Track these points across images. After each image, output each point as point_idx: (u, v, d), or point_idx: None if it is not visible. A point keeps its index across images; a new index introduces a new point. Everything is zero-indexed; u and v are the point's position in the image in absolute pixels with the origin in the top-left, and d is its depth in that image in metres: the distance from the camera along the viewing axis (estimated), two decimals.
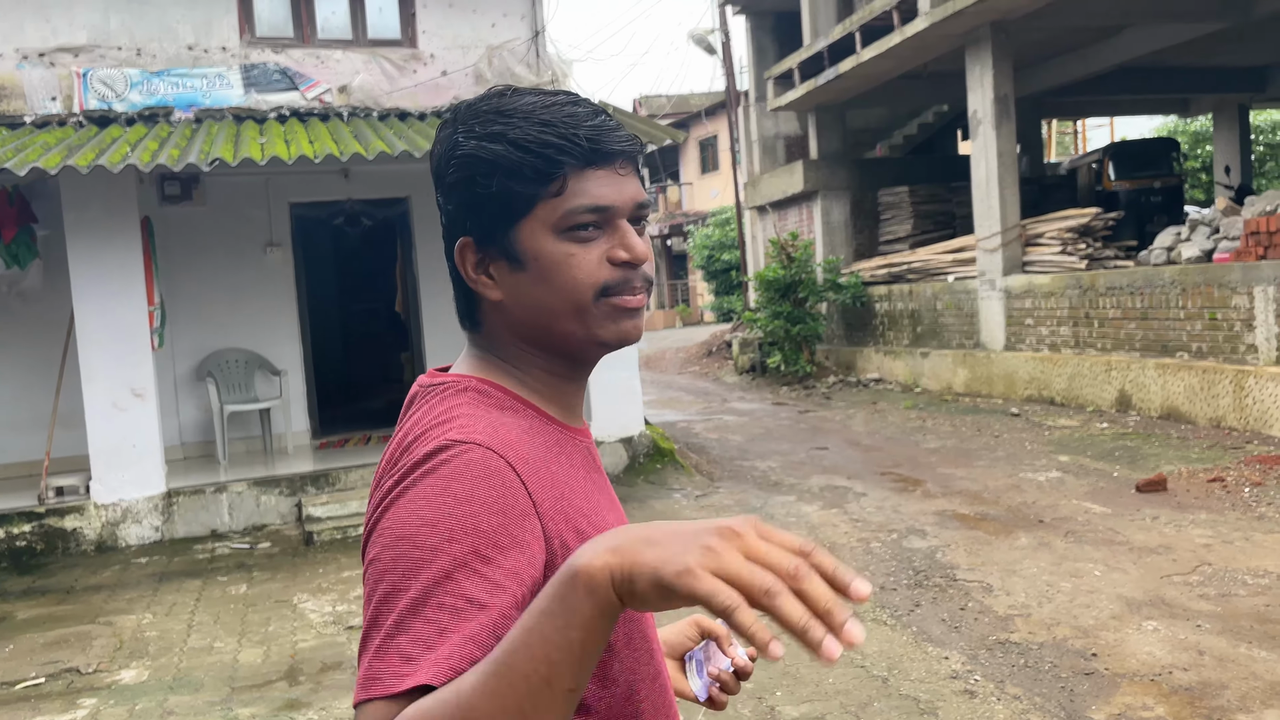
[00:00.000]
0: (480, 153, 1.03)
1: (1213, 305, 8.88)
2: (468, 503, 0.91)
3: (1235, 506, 6.37)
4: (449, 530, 0.90)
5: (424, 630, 0.86)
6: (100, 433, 7.48)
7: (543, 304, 1.05)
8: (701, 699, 1.30)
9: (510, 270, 1.05)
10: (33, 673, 5.03)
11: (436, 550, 0.89)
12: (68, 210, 7.41)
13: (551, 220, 1.03)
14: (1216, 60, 15.50)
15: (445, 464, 0.94)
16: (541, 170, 1.02)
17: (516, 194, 1.03)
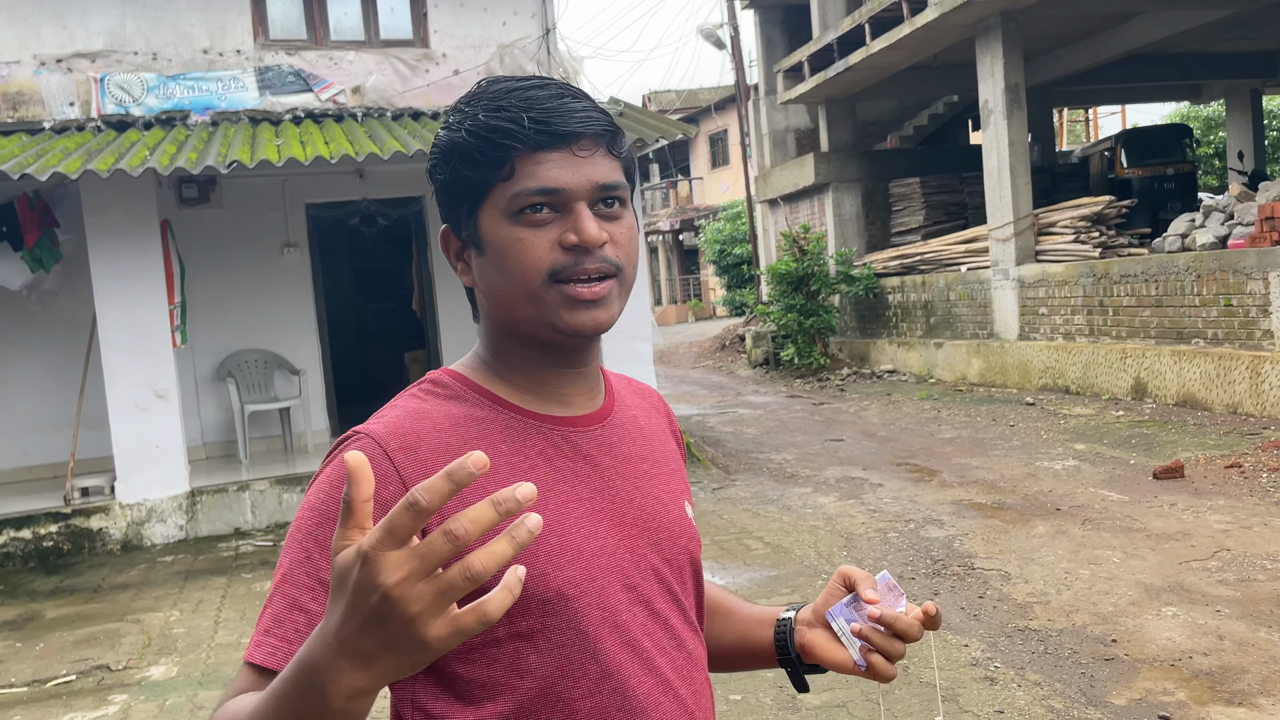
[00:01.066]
0: (443, 143, 1.06)
1: (1228, 291, 8.87)
2: (333, 491, 0.99)
3: (1253, 492, 6.38)
4: (307, 517, 1.00)
5: (267, 612, 0.98)
6: (124, 433, 7.57)
7: (500, 289, 1.06)
8: (861, 668, 1.13)
9: (476, 256, 1.07)
10: (64, 670, 5.11)
11: (297, 535, 1.00)
12: (88, 214, 7.50)
13: (503, 204, 1.03)
14: (1227, 45, 15.43)
15: (335, 453, 1.05)
16: (491, 155, 1.02)
17: (473, 180, 1.04)
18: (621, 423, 1.17)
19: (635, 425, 1.19)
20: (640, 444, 1.18)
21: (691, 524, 1.20)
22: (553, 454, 1.07)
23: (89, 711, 4.54)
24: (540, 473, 1.05)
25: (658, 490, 1.16)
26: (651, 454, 1.19)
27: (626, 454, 1.14)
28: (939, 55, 13.44)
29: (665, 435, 1.26)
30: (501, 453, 1.04)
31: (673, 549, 1.15)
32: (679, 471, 1.24)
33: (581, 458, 1.09)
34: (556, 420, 1.09)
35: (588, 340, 1.09)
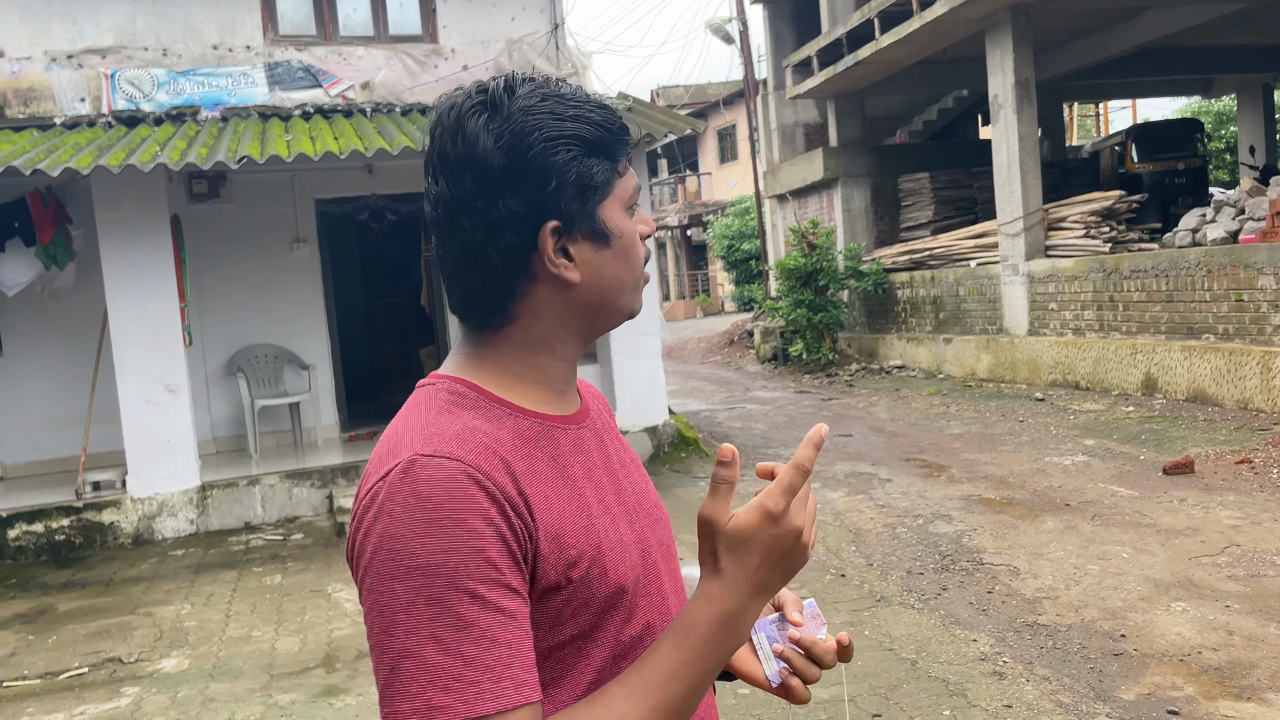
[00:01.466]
0: (580, 131, 1.03)
1: (1239, 286, 8.83)
2: (436, 525, 0.91)
3: (1263, 488, 6.36)
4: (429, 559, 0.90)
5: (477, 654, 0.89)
6: (135, 428, 7.61)
7: (620, 280, 1.08)
8: (774, 684, 1.15)
9: (595, 249, 1.05)
10: (76, 663, 5.15)
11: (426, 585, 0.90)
12: (100, 210, 7.53)
13: (624, 196, 1.08)
14: (1240, 39, 15.34)
15: (410, 479, 0.93)
16: (617, 150, 1.07)
17: (608, 171, 1.06)
18: (600, 416, 1.21)
19: (601, 418, 1.22)
20: (612, 436, 1.21)
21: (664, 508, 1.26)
22: (571, 453, 1.08)
23: (101, 704, 4.58)
24: (574, 471, 1.06)
25: (637, 478, 1.19)
26: (622, 444, 1.23)
27: (610, 447, 1.17)
28: (948, 50, 13.40)
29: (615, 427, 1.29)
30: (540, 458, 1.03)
31: (664, 534, 1.19)
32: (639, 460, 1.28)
33: (589, 453, 1.11)
34: (565, 420, 1.11)
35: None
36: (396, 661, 0.89)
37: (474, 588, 0.89)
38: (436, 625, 0.89)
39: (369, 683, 4.53)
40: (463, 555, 0.90)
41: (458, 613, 0.89)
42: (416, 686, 0.88)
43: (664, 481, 8.14)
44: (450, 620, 0.89)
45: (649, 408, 8.89)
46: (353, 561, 0.97)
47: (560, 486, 1.02)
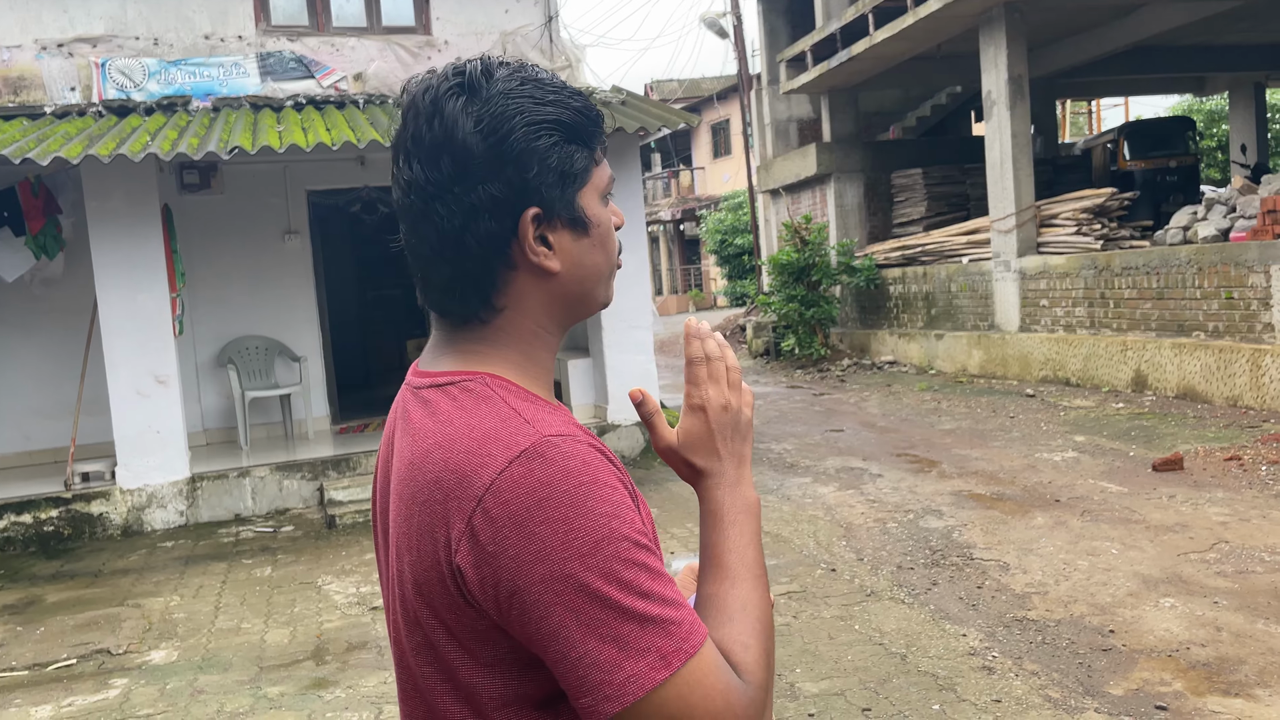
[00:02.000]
0: (562, 118, 1.01)
1: (1229, 284, 8.87)
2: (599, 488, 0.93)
3: (1252, 485, 6.39)
4: (617, 518, 0.92)
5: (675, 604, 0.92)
6: (125, 419, 7.58)
7: (597, 269, 1.07)
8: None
9: (574, 238, 1.04)
10: (64, 654, 5.13)
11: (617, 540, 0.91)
12: (90, 199, 7.49)
13: (601, 186, 1.07)
14: (1232, 38, 15.38)
15: (560, 460, 0.93)
16: (595, 138, 1.05)
17: (587, 159, 1.04)
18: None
19: None
20: None
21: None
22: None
23: (90, 695, 4.56)
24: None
25: None
26: None
27: None
28: (942, 45, 13.40)
29: None
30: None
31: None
32: None
33: None
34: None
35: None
36: (612, 629, 0.89)
37: (643, 540, 0.93)
38: (640, 582, 0.90)
39: (358, 675, 4.53)
40: (627, 515, 0.93)
41: (646, 565, 0.92)
42: (644, 641, 0.89)
43: (655, 475, 8.14)
44: (647, 573, 0.91)
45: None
46: (498, 566, 0.91)
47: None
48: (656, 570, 0.92)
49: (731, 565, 1.01)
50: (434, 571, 0.95)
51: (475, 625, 0.95)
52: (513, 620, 0.92)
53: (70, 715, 4.35)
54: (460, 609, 0.95)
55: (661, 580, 0.92)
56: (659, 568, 0.93)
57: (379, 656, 4.73)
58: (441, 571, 0.95)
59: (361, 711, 4.14)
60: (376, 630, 5.09)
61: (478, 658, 0.97)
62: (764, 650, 0.97)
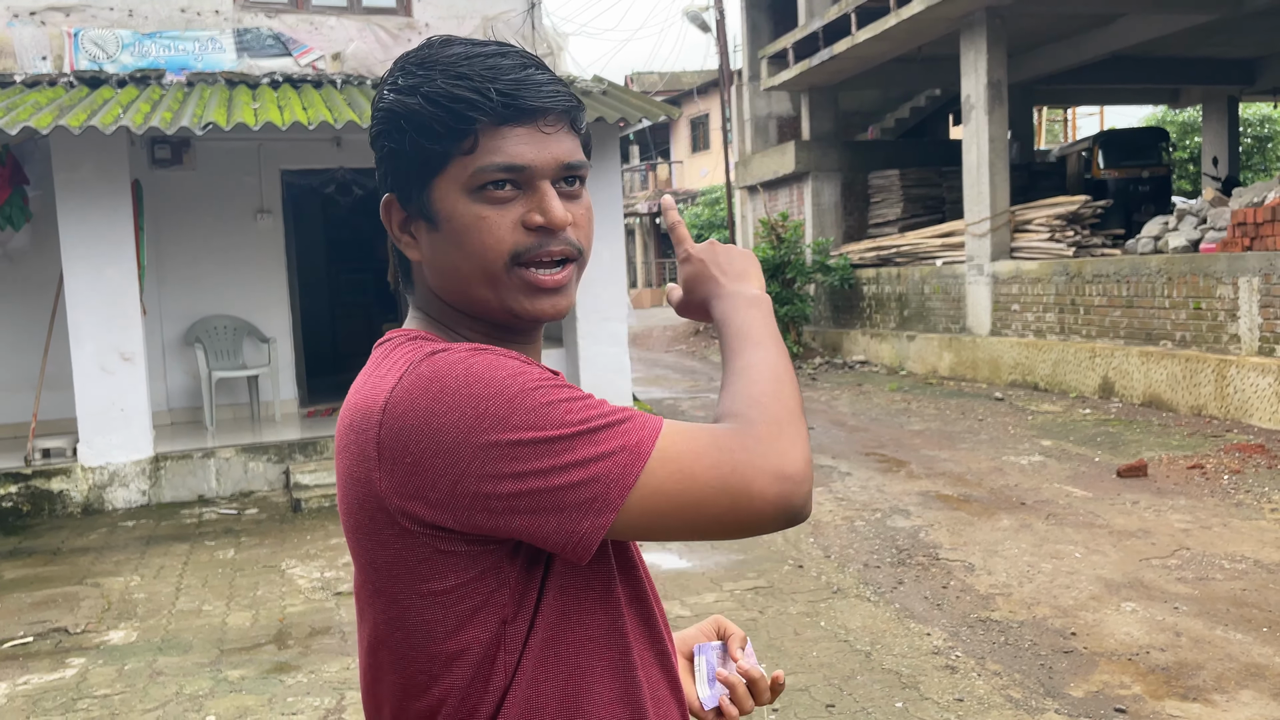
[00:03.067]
0: (396, 107, 0.99)
1: (1198, 295, 8.98)
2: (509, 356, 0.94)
3: (1214, 493, 6.47)
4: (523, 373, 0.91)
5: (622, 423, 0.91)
6: (88, 395, 7.46)
7: (456, 268, 1.00)
8: (708, 707, 1.16)
9: (428, 230, 1.01)
10: (20, 632, 5.04)
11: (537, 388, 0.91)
12: (58, 171, 7.36)
13: (463, 179, 0.97)
14: (1208, 51, 15.57)
15: (446, 358, 0.92)
16: (452, 126, 0.96)
17: (429, 150, 0.98)
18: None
19: None
20: None
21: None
22: None
23: (46, 674, 4.49)
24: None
25: None
26: None
27: None
28: (923, 48, 13.47)
29: None
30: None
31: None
32: None
33: None
34: None
35: (544, 324, 1.08)
36: (574, 458, 0.88)
37: (556, 382, 0.92)
38: (570, 413, 0.89)
39: (320, 660, 4.49)
40: (531, 371, 0.92)
41: (570, 397, 0.91)
42: (608, 447, 0.89)
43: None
44: (575, 404, 0.90)
45: (614, 393, 8.85)
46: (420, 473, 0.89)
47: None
48: (583, 396, 0.91)
49: (751, 334, 1.06)
50: (368, 513, 0.95)
51: (420, 560, 0.94)
52: (476, 513, 0.89)
53: (26, 693, 4.27)
54: (401, 544, 0.94)
55: (593, 403, 0.91)
56: (584, 395, 0.92)
57: (342, 642, 4.69)
58: (374, 509, 0.94)
59: (323, 696, 4.10)
60: (340, 615, 5.05)
61: (427, 595, 0.95)
62: (775, 392, 0.98)
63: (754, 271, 1.14)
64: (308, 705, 4.03)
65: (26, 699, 4.22)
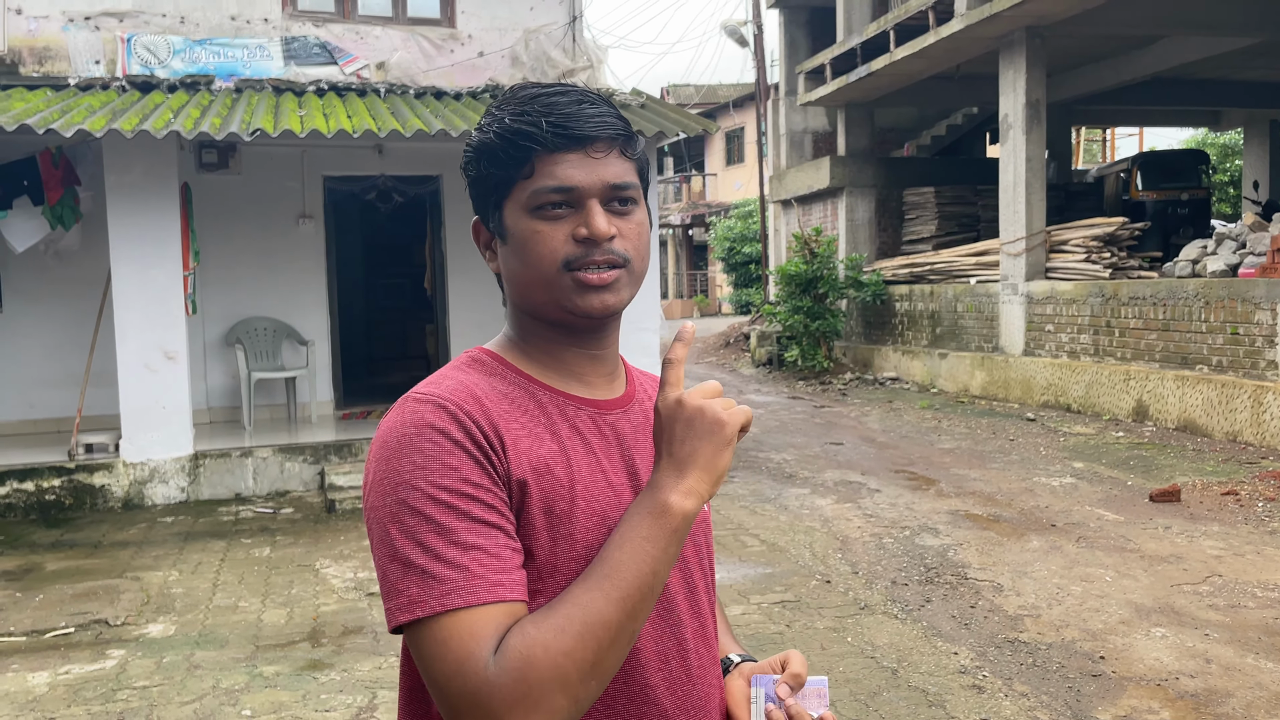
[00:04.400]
0: (475, 142, 1.17)
1: (1235, 320, 8.91)
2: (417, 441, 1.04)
3: (1248, 520, 6.43)
4: (411, 473, 1.03)
5: (451, 560, 1.00)
6: (131, 393, 7.62)
7: (520, 276, 1.16)
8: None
9: (501, 246, 1.18)
10: (62, 622, 5.17)
11: (412, 493, 1.02)
12: (109, 173, 7.54)
13: (524, 200, 1.13)
14: (1250, 74, 15.44)
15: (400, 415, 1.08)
16: (514, 155, 1.13)
17: (498, 177, 1.15)
18: (642, 410, 1.25)
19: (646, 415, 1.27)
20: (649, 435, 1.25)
21: (706, 514, 1.29)
22: (582, 428, 1.17)
23: (87, 664, 4.60)
24: (574, 443, 1.15)
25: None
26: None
27: (645, 439, 1.22)
28: (961, 66, 13.46)
29: None
30: (542, 422, 1.14)
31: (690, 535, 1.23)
32: None
33: (606, 437, 1.18)
34: (583, 401, 1.19)
35: (599, 321, 1.17)
36: (386, 566, 1.02)
37: (448, 498, 1.02)
38: (419, 531, 1.01)
39: (353, 659, 4.57)
40: (437, 468, 1.03)
41: (435, 519, 1.01)
42: (401, 584, 1.00)
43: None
44: (429, 525, 1.01)
45: None
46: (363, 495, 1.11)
47: (544, 438, 1.12)
48: (442, 524, 1.00)
49: (615, 563, 1.01)
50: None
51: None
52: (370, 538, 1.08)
53: (67, 683, 4.39)
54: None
55: (443, 535, 1.00)
56: (449, 522, 1.00)
57: (374, 641, 4.77)
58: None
59: (356, 694, 4.18)
60: (372, 615, 5.13)
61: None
62: (569, 651, 0.96)
63: (702, 459, 1.04)
64: (340, 703, 4.11)
65: (68, 688, 4.33)
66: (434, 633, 0.98)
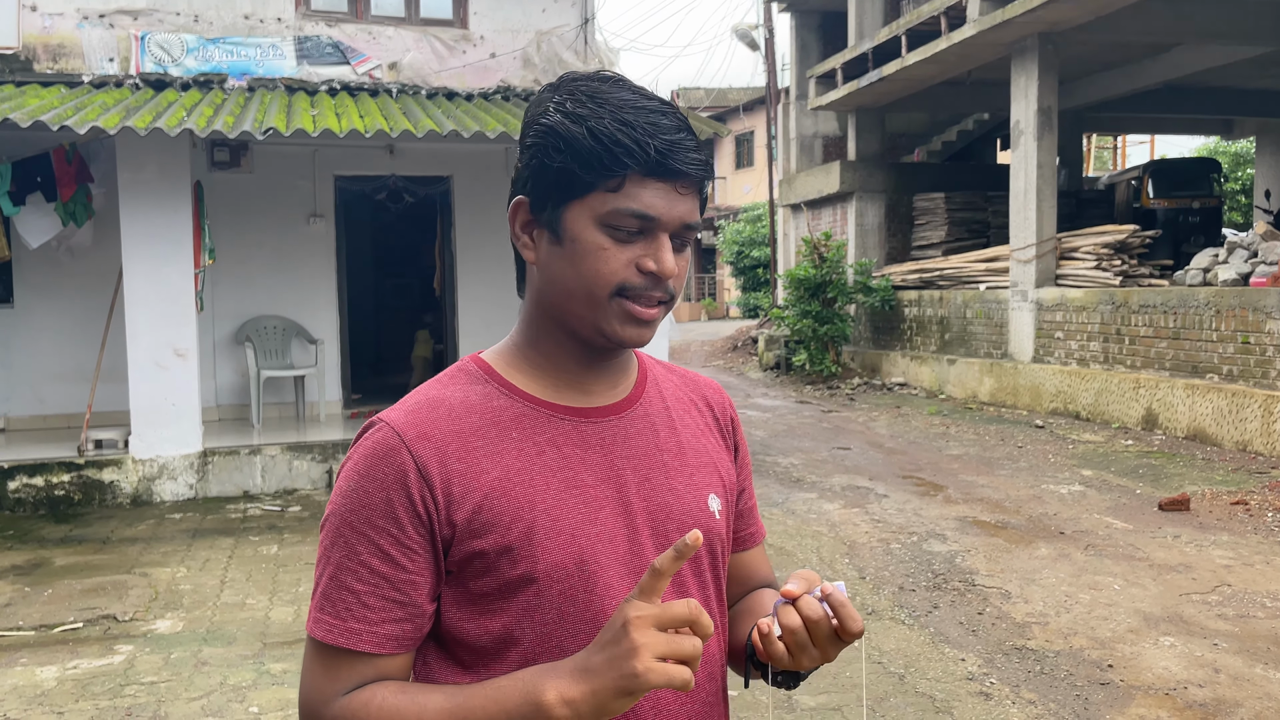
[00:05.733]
0: (560, 129, 1.08)
1: (1246, 329, 8.88)
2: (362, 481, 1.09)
3: (1258, 530, 6.40)
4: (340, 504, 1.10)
5: (318, 591, 1.10)
6: (141, 389, 7.65)
7: (566, 283, 1.11)
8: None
9: (550, 242, 1.12)
10: (70, 617, 5.18)
11: (333, 521, 1.10)
12: (122, 171, 7.56)
13: (599, 211, 1.08)
14: (1263, 83, 15.38)
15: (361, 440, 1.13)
16: (607, 164, 1.06)
17: (578, 177, 1.08)
18: (646, 414, 1.22)
19: (663, 416, 1.23)
20: (665, 435, 1.22)
21: (712, 516, 1.23)
22: (561, 442, 1.14)
23: (95, 659, 4.62)
24: (547, 458, 1.12)
25: (675, 482, 1.20)
26: (678, 445, 1.23)
27: (643, 446, 1.19)
28: (973, 72, 13.44)
29: (703, 428, 1.29)
30: (511, 439, 1.12)
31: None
32: (711, 464, 1.26)
33: (591, 447, 1.15)
34: (569, 410, 1.16)
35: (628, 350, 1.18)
36: (316, 582, 1.10)
37: (372, 535, 1.07)
38: (342, 561, 1.08)
39: None
40: (373, 508, 1.07)
41: (358, 554, 1.07)
42: (318, 603, 1.09)
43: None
44: (351, 559, 1.07)
45: None
46: None
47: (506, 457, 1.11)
48: (352, 551, 1.07)
49: (459, 697, 1.04)
50: None
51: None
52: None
53: (75, 677, 4.40)
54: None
55: (350, 565, 1.07)
56: (349, 561, 1.07)
57: None
58: None
59: None
60: None
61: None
62: None
63: (599, 682, 0.96)
64: None
65: (76, 683, 4.34)
66: (310, 650, 1.10)
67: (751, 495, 1.38)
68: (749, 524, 1.37)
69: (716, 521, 1.23)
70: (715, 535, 1.23)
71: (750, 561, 1.37)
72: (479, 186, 9.91)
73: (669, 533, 1.17)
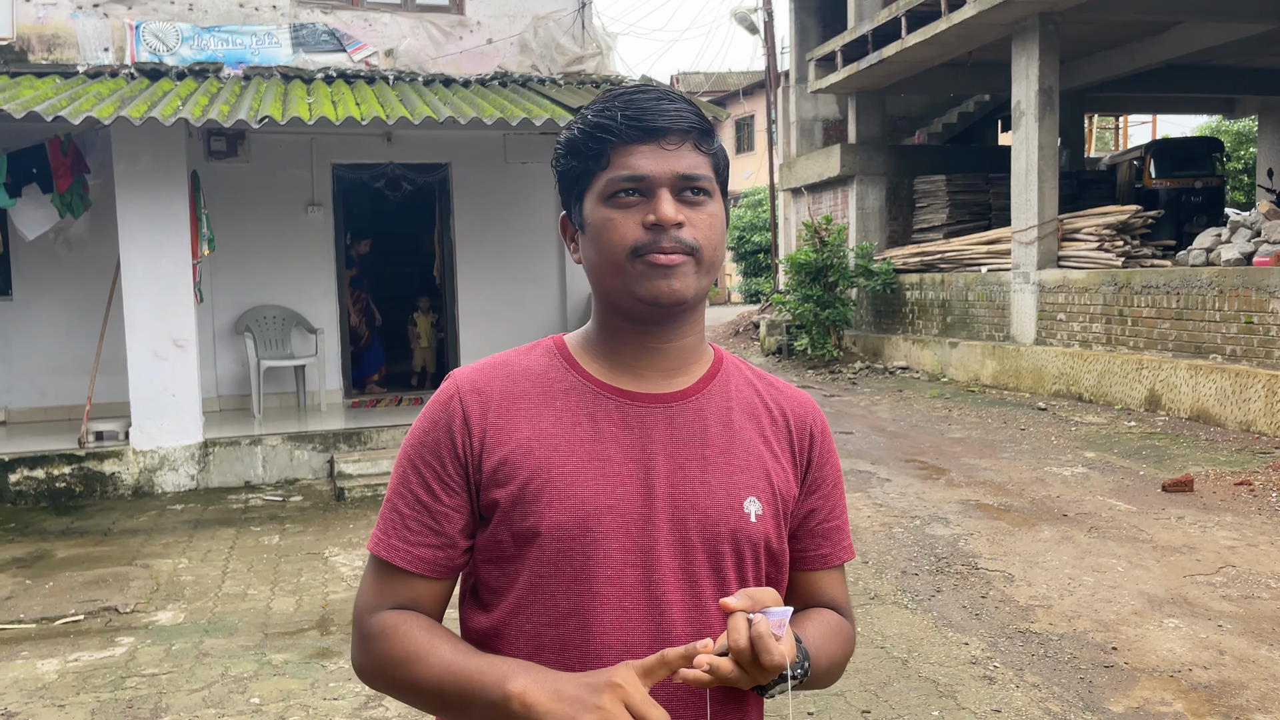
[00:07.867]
0: (562, 140, 1.24)
1: (1249, 309, 8.83)
2: (423, 419, 1.25)
3: (1261, 511, 6.38)
4: (409, 442, 1.26)
5: (382, 515, 1.25)
6: (141, 380, 7.63)
7: (596, 264, 1.21)
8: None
9: (580, 236, 1.24)
10: (72, 609, 5.18)
11: (401, 457, 1.25)
12: (118, 161, 7.52)
13: (600, 189, 1.19)
14: (1265, 61, 15.29)
15: (442, 383, 1.29)
16: (592, 148, 1.19)
17: (579, 169, 1.21)
18: (700, 408, 1.24)
19: (720, 414, 1.25)
20: (715, 432, 1.23)
21: (745, 518, 1.21)
22: (600, 418, 1.21)
23: (96, 651, 4.61)
24: (581, 429, 1.20)
25: (710, 477, 1.21)
26: (727, 444, 1.24)
27: (686, 436, 1.22)
28: (973, 53, 13.35)
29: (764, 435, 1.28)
30: (554, 406, 1.22)
31: (702, 534, 1.20)
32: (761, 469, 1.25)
33: (630, 428, 1.21)
34: (617, 391, 1.23)
35: (666, 310, 1.19)
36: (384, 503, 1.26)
37: (421, 468, 1.22)
38: (398, 487, 1.24)
39: None
40: (426, 442, 1.23)
41: (409, 482, 1.23)
42: (378, 521, 1.25)
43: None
44: (404, 486, 1.23)
45: None
46: None
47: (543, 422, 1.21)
48: (400, 484, 1.23)
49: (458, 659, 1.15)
50: None
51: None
52: None
53: (76, 670, 4.39)
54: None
55: (403, 491, 1.23)
56: (403, 486, 1.23)
57: None
58: None
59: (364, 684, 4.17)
60: None
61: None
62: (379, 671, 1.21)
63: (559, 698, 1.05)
64: (349, 691, 4.11)
65: (77, 675, 4.34)
66: (367, 563, 1.26)
67: (835, 518, 1.35)
68: (822, 545, 1.34)
69: (750, 524, 1.22)
70: (744, 537, 1.22)
71: (818, 581, 1.35)
72: (477, 173, 9.86)
73: (689, 523, 1.19)
